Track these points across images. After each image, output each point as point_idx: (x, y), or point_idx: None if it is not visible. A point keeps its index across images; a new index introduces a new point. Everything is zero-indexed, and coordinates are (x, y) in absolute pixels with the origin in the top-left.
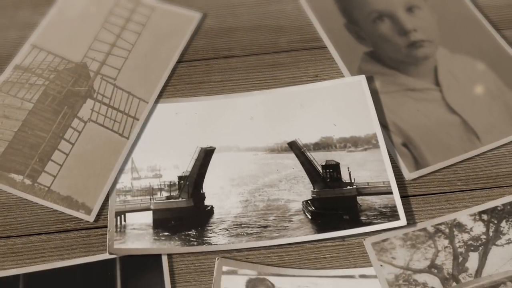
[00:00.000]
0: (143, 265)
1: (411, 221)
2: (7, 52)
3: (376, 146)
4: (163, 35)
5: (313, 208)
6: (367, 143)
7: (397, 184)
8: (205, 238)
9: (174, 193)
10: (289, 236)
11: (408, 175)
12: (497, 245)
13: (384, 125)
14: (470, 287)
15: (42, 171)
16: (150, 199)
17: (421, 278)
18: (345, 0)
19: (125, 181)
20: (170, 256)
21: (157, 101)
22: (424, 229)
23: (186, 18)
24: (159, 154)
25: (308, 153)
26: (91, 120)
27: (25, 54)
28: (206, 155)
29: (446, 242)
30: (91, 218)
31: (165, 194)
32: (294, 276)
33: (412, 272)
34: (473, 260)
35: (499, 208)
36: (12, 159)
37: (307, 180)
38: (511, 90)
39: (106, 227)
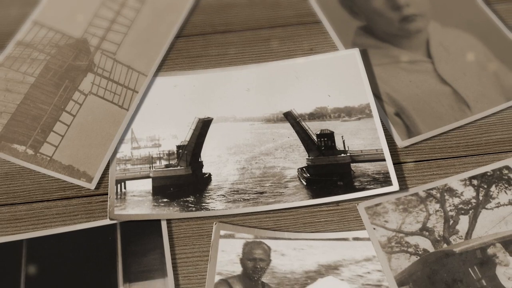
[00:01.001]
0: (143, 230)
1: (403, 187)
2: (9, 28)
3: (370, 115)
4: (162, 11)
5: (308, 175)
6: (361, 112)
7: (390, 152)
8: (203, 204)
9: (173, 162)
10: (284, 201)
11: (401, 143)
12: (486, 209)
13: (377, 96)
14: (461, 249)
15: (44, 142)
16: (150, 167)
17: (413, 240)
18: None
19: (125, 151)
20: (169, 221)
21: (156, 75)
22: (416, 194)
23: None
24: (158, 124)
25: (303, 123)
26: (91, 93)
27: (27, 31)
28: (203, 125)
29: (437, 206)
30: (92, 186)
31: (164, 162)
32: (289, 239)
33: (404, 234)
34: (463, 223)
35: (488, 174)
36: (15, 130)
37: (302, 148)
38: (501, 61)
39: (107, 194)
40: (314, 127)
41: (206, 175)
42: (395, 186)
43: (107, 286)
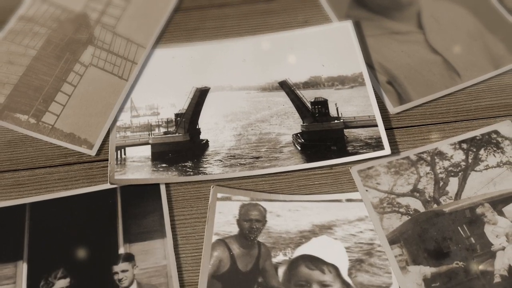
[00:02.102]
0: (142, 194)
1: (395, 151)
2: (11, 4)
3: (362, 84)
4: None
5: (303, 140)
6: (354, 81)
7: (382, 118)
8: (201, 169)
9: (171, 129)
10: (280, 165)
11: (393, 109)
12: (475, 171)
13: (370, 65)
14: (450, 208)
15: (46, 111)
16: (149, 134)
17: (404, 201)
18: None
19: (124, 119)
20: (167, 185)
21: (154, 47)
22: (407, 158)
23: None
24: (157, 94)
25: (298, 91)
26: (92, 65)
27: (28, 6)
28: (201, 94)
29: (427, 168)
30: (93, 152)
31: (162, 130)
32: (284, 201)
33: (396, 196)
34: (453, 184)
35: (478, 138)
36: (18, 100)
37: (297, 115)
38: (490, 32)
39: (107, 160)
40: (308, 95)
41: (204, 141)
42: (387, 150)
43: (108, 247)
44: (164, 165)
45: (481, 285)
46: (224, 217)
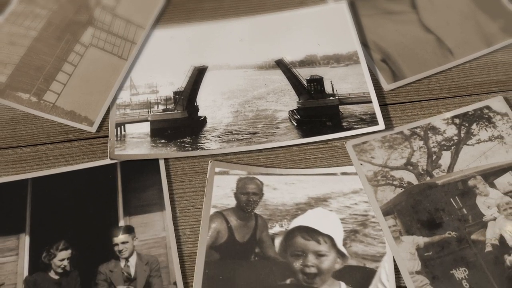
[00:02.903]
0: (142, 169)
1: (389, 126)
2: None
3: (357, 62)
4: None
5: (299, 116)
6: (349, 59)
7: (376, 94)
8: (199, 144)
9: (170, 106)
10: (276, 141)
11: (387, 86)
12: (468, 145)
13: (364, 44)
14: (443, 181)
15: (47, 90)
16: (148, 111)
17: (397, 174)
18: None
19: (124, 97)
20: (166, 160)
21: (153, 27)
22: (401, 132)
23: None
24: (156, 73)
25: (294, 69)
26: (92, 45)
27: None
28: (199, 73)
29: (421, 143)
30: (93, 129)
31: (161, 107)
32: (281, 174)
33: (390, 169)
34: (445, 157)
35: (470, 113)
36: (19, 80)
37: (293, 92)
38: (482, 11)
39: (107, 136)
40: (304, 73)
41: (202, 118)
42: (381, 125)
43: (108, 219)
44: (163, 141)
45: (473, 254)
46: (222, 190)
